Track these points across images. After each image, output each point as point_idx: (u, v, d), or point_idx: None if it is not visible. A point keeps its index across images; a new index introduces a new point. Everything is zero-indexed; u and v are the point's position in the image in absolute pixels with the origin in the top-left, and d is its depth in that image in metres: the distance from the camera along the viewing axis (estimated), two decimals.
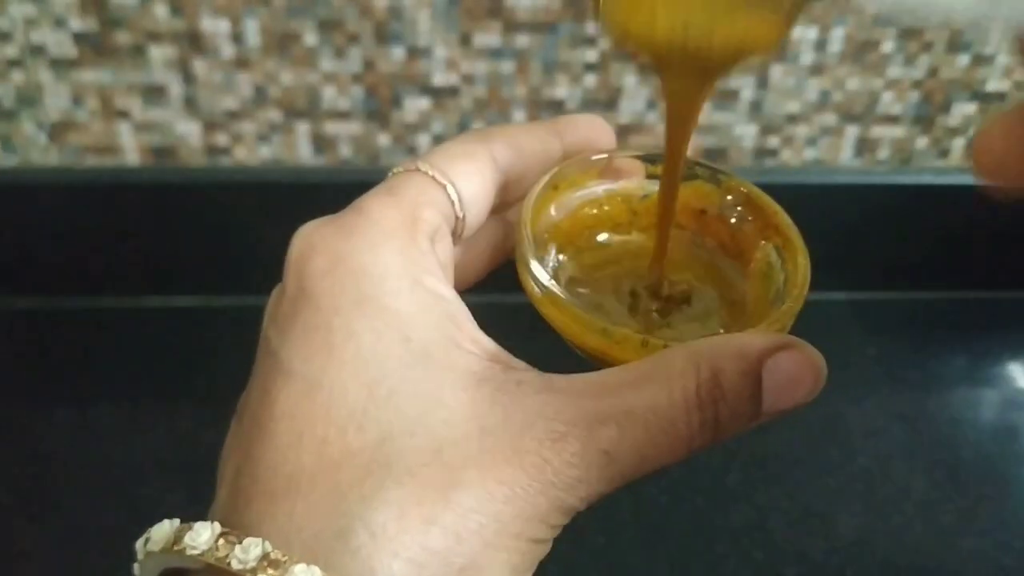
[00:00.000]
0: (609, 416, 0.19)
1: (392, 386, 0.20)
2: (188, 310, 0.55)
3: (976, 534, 0.44)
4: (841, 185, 0.55)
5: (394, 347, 0.20)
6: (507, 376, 0.20)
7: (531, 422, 0.19)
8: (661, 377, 0.20)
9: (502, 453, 0.19)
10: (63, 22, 0.48)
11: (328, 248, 0.21)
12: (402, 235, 0.22)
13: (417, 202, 0.23)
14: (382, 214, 0.22)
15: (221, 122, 0.51)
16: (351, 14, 0.48)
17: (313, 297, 0.21)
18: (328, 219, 0.23)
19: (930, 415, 0.51)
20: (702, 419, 0.20)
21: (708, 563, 0.43)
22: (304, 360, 0.20)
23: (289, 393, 0.20)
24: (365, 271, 0.21)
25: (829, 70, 0.52)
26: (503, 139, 0.25)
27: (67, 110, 0.50)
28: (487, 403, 0.20)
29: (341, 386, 0.20)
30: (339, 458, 0.19)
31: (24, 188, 0.52)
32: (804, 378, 0.20)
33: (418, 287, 0.21)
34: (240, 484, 0.20)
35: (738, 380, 0.20)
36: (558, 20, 0.49)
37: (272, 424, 0.20)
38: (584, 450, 0.19)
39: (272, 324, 0.21)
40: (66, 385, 0.51)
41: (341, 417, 0.19)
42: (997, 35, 0.52)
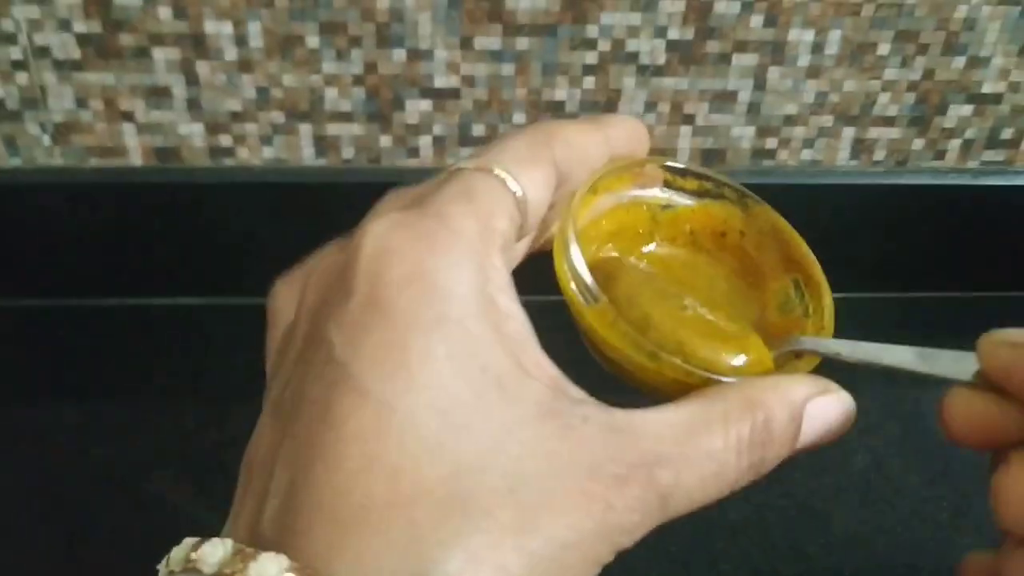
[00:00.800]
0: (667, 459, 0.19)
1: (466, 416, 0.19)
2: (191, 310, 0.55)
3: (971, 531, 0.45)
4: (838, 186, 0.55)
5: (470, 375, 0.19)
6: (573, 411, 0.20)
7: (598, 464, 0.19)
8: (717, 421, 0.20)
9: (571, 496, 0.19)
10: (67, 24, 0.48)
11: (407, 257, 0.20)
12: (480, 248, 0.21)
13: (492, 211, 0.22)
14: (462, 224, 0.21)
15: (224, 123, 0.51)
16: (353, 17, 0.48)
17: (390, 310, 0.19)
18: (404, 219, 0.21)
19: (927, 414, 0.51)
20: (750, 462, 0.20)
21: (706, 561, 0.43)
22: (379, 380, 0.19)
23: (361, 414, 0.19)
24: (446, 289, 0.20)
25: (826, 72, 0.52)
26: (564, 141, 0.24)
27: (71, 111, 0.50)
28: (556, 439, 0.19)
29: (416, 413, 0.19)
30: (413, 492, 0.18)
31: (28, 189, 0.52)
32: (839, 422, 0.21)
33: (493, 308, 0.20)
34: (297, 502, 0.19)
35: (786, 425, 0.20)
36: (558, 23, 0.49)
37: (341, 444, 0.19)
38: (644, 494, 0.19)
39: (337, 329, 0.20)
40: (68, 385, 0.51)
41: (415, 447, 0.18)
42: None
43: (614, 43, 0.50)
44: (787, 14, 0.50)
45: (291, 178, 0.52)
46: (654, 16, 0.50)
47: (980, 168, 0.57)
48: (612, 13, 0.49)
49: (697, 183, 0.28)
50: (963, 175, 0.56)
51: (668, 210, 0.28)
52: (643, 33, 0.50)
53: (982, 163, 0.57)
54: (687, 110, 0.53)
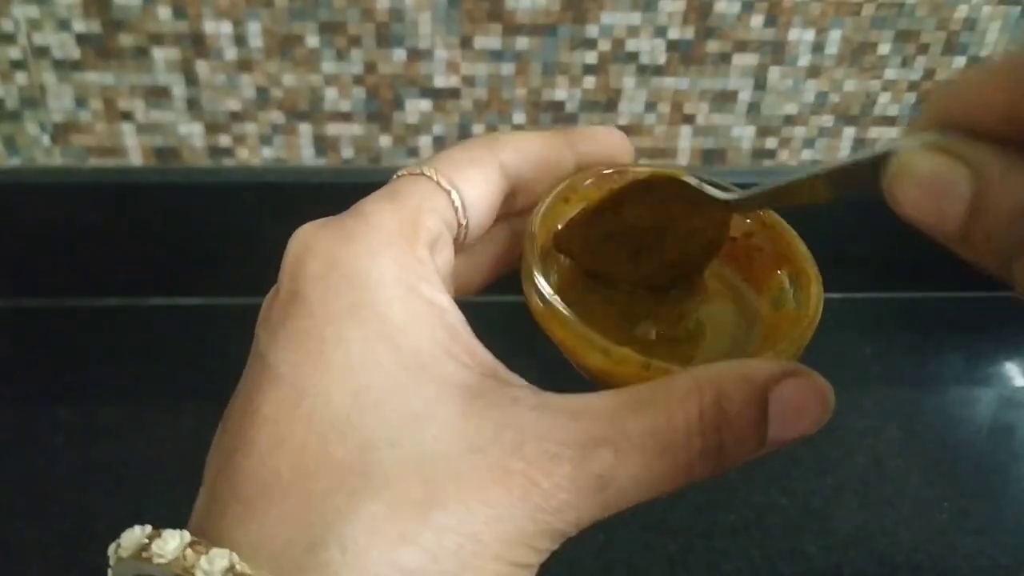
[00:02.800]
0: (605, 439, 0.19)
1: (379, 396, 0.19)
2: (190, 310, 0.55)
3: (972, 532, 0.45)
4: None
5: (385, 356, 0.19)
6: (502, 392, 0.20)
7: (522, 441, 0.18)
8: (662, 401, 0.19)
9: (489, 472, 0.18)
10: (67, 24, 0.48)
11: (325, 252, 0.21)
12: (401, 242, 0.21)
13: (419, 208, 0.22)
14: (382, 219, 0.21)
15: (224, 123, 0.51)
16: (353, 16, 0.48)
17: (306, 301, 0.20)
18: (327, 221, 0.22)
19: (926, 414, 0.51)
20: (704, 446, 0.19)
21: (706, 561, 0.43)
22: (292, 365, 0.19)
23: (274, 398, 0.19)
24: (360, 278, 0.20)
25: (826, 72, 0.52)
26: (512, 146, 0.24)
27: (70, 111, 0.50)
28: (477, 418, 0.19)
29: (326, 393, 0.19)
30: (316, 467, 0.18)
31: (28, 189, 0.52)
32: (811, 407, 0.20)
33: (414, 296, 0.21)
34: (218, 490, 0.19)
35: (743, 406, 0.19)
36: (558, 22, 0.49)
37: (254, 430, 0.19)
38: (576, 473, 0.18)
39: (263, 326, 0.21)
40: (68, 385, 0.51)
41: (323, 425, 0.19)
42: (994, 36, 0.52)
43: (614, 43, 0.50)
44: (787, 14, 0.50)
45: (291, 178, 0.52)
46: (654, 16, 0.49)
47: None
48: (612, 13, 0.49)
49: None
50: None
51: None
52: (643, 33, 0.50)
53: None
54: (687, 110, 0.53)
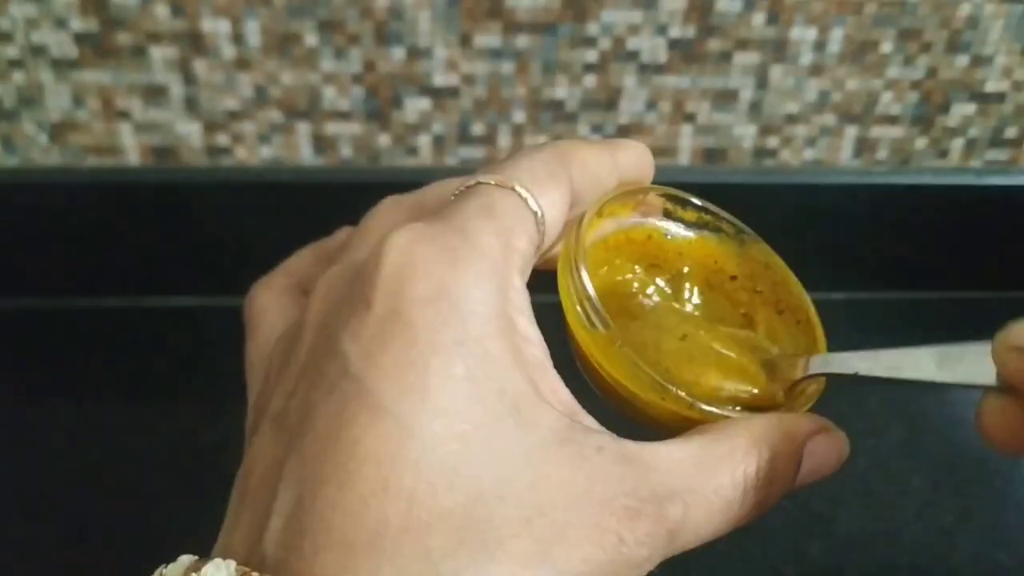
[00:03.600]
0: (677, 494, 0.19)
1: (483, 442, 0.19)
2: (188, 310, 0.55)
3: (975, 533, 0.44)
4: (840, 185, 0.55)
5: (489, 398, 0.19)
6: (587, 440, 0.20)
7: (611, 496, 0.19)
8: (726, 457, 0.20)
9: (585, 529, 0.18)
10: (64, 22, 0.48)
11: (431, 273, 0.20)
12: (501, 269, 0.20)
13: (513, 230, 0.21)
14: (485, 242, 0.20)
15: (222, 122, 0.51)
16: (351, 15, 0.48)
17: (410, 327, 0.19)
18: (426, 232, 0.20)
19: (929, 414, 0.51)
20: (756, 500, 0.20)
21: (707, 562, 0.43)
22: (396, 399, 0.18)
23: (376, 433, 0.18)
24: (469, 309, 0.19)
25: (828, 70, 0.52)
26: (580, 162, 0.24)
27: (68, 110, 0.50)
28: (570, 469, 0.19)
29: (434, 436, 0.18)
30: (428, 518, 0.18)
31: (25, 188, 0.52)
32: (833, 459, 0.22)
33: (512, 331, 0.20)
34: (304, 523, 0.18)
35: (788, 463, 0.21)
36: (558, 21, 0.49)
37: (353, 464, 0.18)
38: (654, 529, 0.19)
39: (354, 342, 0.19)
40: (66, 385, 0.51)
41: (431, 471, 0.18)
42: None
43: (615, 41, 0.50)
44: (789, 12, 0.50)
45: (289, 177, 0.52)
46: (655, 14, 0.49)
47: (983, 167, 0.56)
48: (613, 11, 0.49)
49: (696, 215, 0.28)
50: (966, 174, 0.56)
51: (667, 239, 0.28)
52: (644, 31, 0.50)
53: (985, 162, 0.56)
54: (688, 109, 0.53)
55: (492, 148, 0.53)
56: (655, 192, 0.27)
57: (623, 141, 0.26)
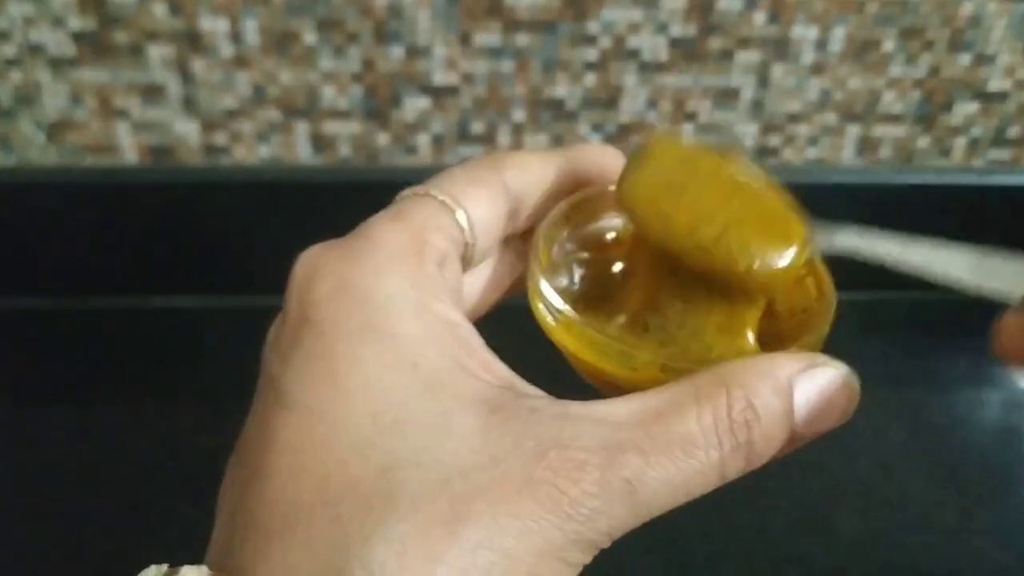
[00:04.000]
0: (633, 443, 0.18)
1: (398, 415, 0.19)
2: (187, 310, 0.55)
3: (977, 535, 0.44)
4: (842, 184, 0.55)
5: (401, 375, 0.19)
6: (520, 403, 0.19)
7: (545, 450, 0.18)
8: (688, 400, 0.19)
9: (513, 483, 0.18)
10: (61, 21, 0.47)
11: (332, 272, 0.21)
12: (409, 259, 0.21)
13: (425, 226, 0.22)
14: (389, 238, 0.21)
15: (220, 121, 0.51)
16: (350, 13, 0.48)
17: (316, 323, 0.20)
18: (333, 243, 0.22)
19: (932, 416, 0.51)
20: (734, 443, 0.19)
21: (708, 564, 0.43)
22: (306, 390, 0.19)
23: (290, 425, 0.19)
24: (371, 296, 0.20)
25: (830, 69, 0.52)
26: (515, 165, 0.24)
27: (65, 109, 0.50)
28: (497, 431, 0.19)
29: (344, 417, 0.19)
30: (339, 492, 0.18)
31: (22, 188, 0.51)
32: (838, 396, 0.20)
33: (426, 312, 0.20)
34: (237, 521, 0.19)
35: (771, 400, 0.19)
36: (558, 19, 0.49)
37: (272, 457, 0.19)
38: (604, 479, 0.18)
39: (274, 351, 0.21)
40: (65, 385, 0.51)
41: (343, 449, 0.18)
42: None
43: (615, 40, 0.50)
44: (790, 10, 0.50)
45: (287, 177, 0.52)
46: (656, 12, 0.49)
47: (986, 166, 0.56)
48: (613, 9, 0.49)
49: None
50: (969, 173, 0.56)
51: None
52: (645, 30, 0.50)
53: (988, 161, 0.56)
54: (689, 107, 0.52)
55: (492, 147, 0.53)
56: None
57: (583, 145, 0.27)
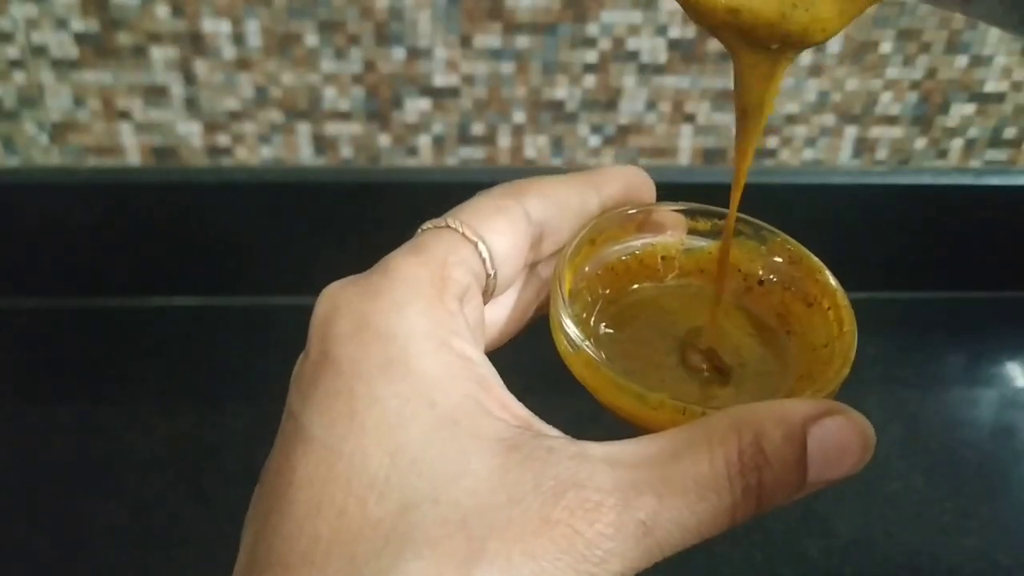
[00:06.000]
0: (647, 484, 0.18)
1: (416, 454, 0.19)
2: (189, 310, 0.55)
3: (974, 533, 0.45)
4: (840, 185, 0.55)
5: (419, 413, 0.19)
6: (537, 443, 0.19)
7: (562, 490, 0.18)
8: (701, 443, 0.19)
9: (530, 523, 0.18)
10: (64, 23, 0.48)
11: (352, 310, 0.21)
12: (429, 296, 0.21)
13: (446, 261, 0.22)
14: (409, 273, 0.21)
15: (222, 123, 0.51)
16: (352, 15, 0.48)
17: (336, 361, 0.20)
18: (353, 279, 0.22)
19: (928, 415, 0.51)
20: (745, 486, 0.19)
21: (707, 563, 0.43)
22: (325, 427, 0.19)
23: (309, 460, 0.19)
24: (390, 335, 0.20)
25: (828, 71, 0.52)
26: (537, 192, 0.24)
27: (68, 111, 0.50)
28: (516, 471, 0.19)
29: (363, 454, 0.19)
30: (357, 529, 0.18)
31: (26, 188, 0.52)
32: (852, 446, 0.20)
33: (445, 350, 0.20)
34: (257, 554, 0.19)
35: (782, 446, 0.19)
36: (558, 21, 0.49)
37: (291, 492, 0.19)
38: (620, 521, 0.18)
39: (295, 387, 0.21)
40: (67, 385, 0.51)
41: (362, 486, 0.18)
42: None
43: (615, 41, 0.50)
44: None
45: (289, 178, 0.52)
46: (655, 14, 0.49)
47: (983, 168, 0.56)
48: (613, 11, 0.49)
49: (710, 223, 0.27)
50: (965, 175, 0.56)
51: (687, 253, 0.27)
52: (644, 31, 0.50)
53: (985, 163, 0.56)
54: (688, 109, 0.53)
55: (492, 148, 0.53)
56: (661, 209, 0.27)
57: (606, 167, 0.26)
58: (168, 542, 0.42)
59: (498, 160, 0.54)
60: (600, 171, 0.26)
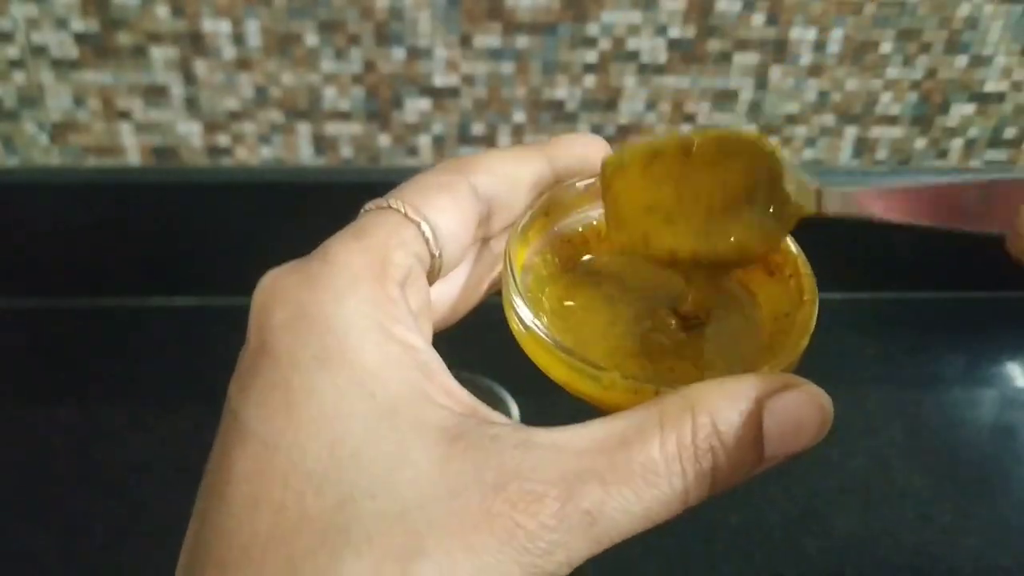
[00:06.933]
0: (593, 473, 0.18)
1: (355, 446, 0.18)
2: (189, 310, 0.55)
3: (974, 532, 0.45)
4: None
5: (358, 404, 0.19)
6: (481, 431, 0.19)
7: (504, 482, 0.18)
8: (653, 426, 0.18)
9: (470, 517, 0.17)
10: (64, 23, 0.48)
11: (289, 299, 0.20)
12: (370, 282, 0.20)
13: (387, 244, 0.21)
14: (348, 260, 0.21)
15: (222, 123, 0.51)
16: (352, 15, 0.48)
17: (273, 352, 0.20)
18: (292, 266, 0.21)
19: (928, 414, 0.51)
20: (697, 471, 0.18)
21: (707, 562, 0.43)
22: (262, 420, 0.19)
23: (247, 455, 0.19)
24: (328, 324, 0.20)
25: (828, 71, 0.52)
26: (483, 167, 0.23)
27: (68, 111, 0.50)
28: (457, 461, 0.18)
29: (300, 448, 0.18)
30: (295, 526, 0.18)
31: (26, 188, 0.52)
32: (809, 419, 0.19)
33: (385, 338, 0.20)
34: (196, 552, 0.19)
35: (737, 425, 0.18)
36: (558, 21, 0.49)
37: (229, 488, 0.18)
38: (563, 512, 0.17)
39: (234, 381, 0.20)
40: (67, 385, 0.51)
41: (299, 481, 0.18)
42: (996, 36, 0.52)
43: (615, 41, 0.50)
44: (789, 12, 0.50)
45: (289, 177, 0.52)
46: (655, 14, 0.49)
47: (983, 167, 0.57)
48: (613, 11, 0.49)
49: None
50: (966, 174, 0.56)
51: None
52: (644, 31, 0.50)
53: (985, 162, 0.57)
54: (688, 109, 0.53)
55: (492, 148, 0.53)
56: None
57: (561, 137, 0.25)
58: (169, 542, 0.42)
59: None
60: (553, 141, 0.25)
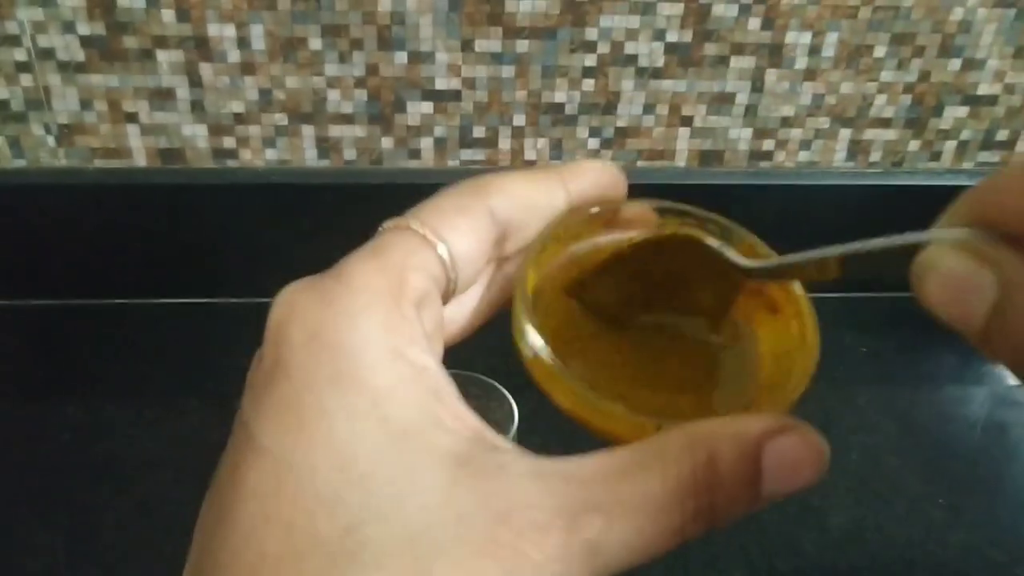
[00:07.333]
0: (596, 504, 0.18)
1: (366, 469, 0.18)
2: (195, 309, 0.55)
3: (966, 529, 0.45)
4: (834, 187, 0.55)
5: (370, 426, 0.19)
6: (488, 458, 0.19)
7: (510, 511, 0.18)
8: (654, 462, 0.19)
9: (476, 544, 0.17)
10: (71, 26, 0.48)
11: (307, 317, 0.20)
12: (385, 303, 0.20)
13: (404, 265, 0.21)
14: (365, 280, 0.20)
15: (227, 125, 0.52)
16: (355, 20, 0.49)
17: (287, 370, 0.19)
18: (310, 282, 0.21)
19: (921, 412, 0.51)
20: (696, 507, 0.19)
21: (703, 557, 0.44)
22: (275, 437, 0.19)
23: (258, 471, 0.19)
24: (342, 345, 0.20)
25: (823, 74, 0.53)
26: (501, 190, 0.23)
27: (75, 113, 0.51)
28: (464, 487, 0.18)
29: (311, 468, 0.18)
30: (305, 547, 0.18)
31: (33, 190, 0.52)
32: (805, 462, 0.19)
33: (399, 360, 0.20)
34: (202, 566, 0.19)
35: (736, 465, 0.19)
36: (557, 25, 0.50)
37: (238, 504, 0.18)
38: (567, 542, 0.18)
39: (247, 393, 0.20)
40: (75, 383, 0.51)
41: (309, 501, 0.18)
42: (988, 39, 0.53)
43: (613, 45, 0.51)
44: (784, 17, 0.50)
45: (293, 180, 0.53)
46: (653, 19, 0.50)
47: (976, 169, 0.57)
48: (611, 16, 0.50)
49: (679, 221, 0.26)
50: (959, 176, 0.57)
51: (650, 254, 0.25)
52: (642, 36, 0.50)
53: (978, 164, 0.57)
54: (685, 112, 0.53)
55: (493, 151, 0.54)
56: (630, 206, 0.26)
57: (574, 162, 0.26)
58: (171, 542, 0.42)
59: (499, 162, 0.55)
60: (569, 166, 0.25)
